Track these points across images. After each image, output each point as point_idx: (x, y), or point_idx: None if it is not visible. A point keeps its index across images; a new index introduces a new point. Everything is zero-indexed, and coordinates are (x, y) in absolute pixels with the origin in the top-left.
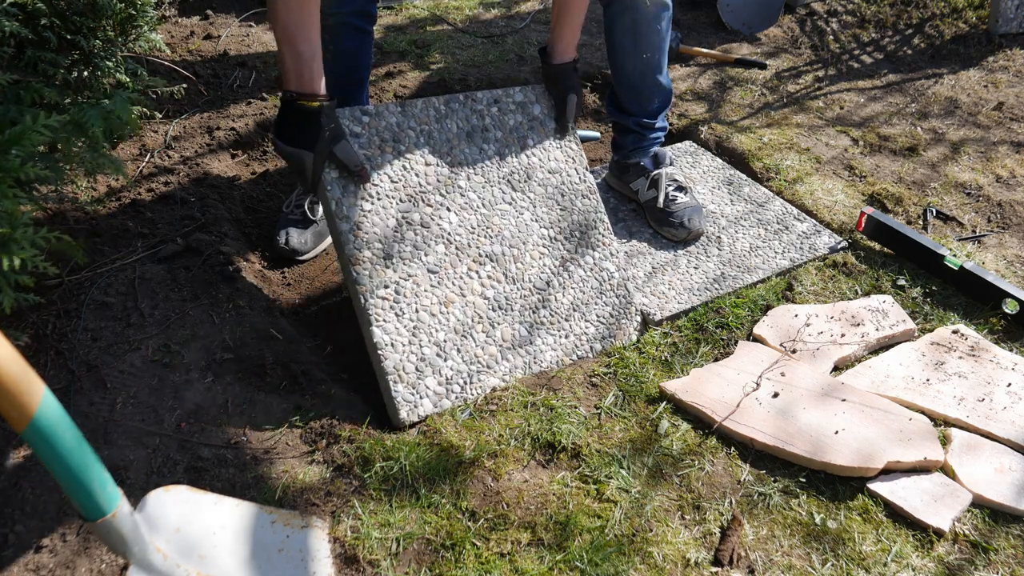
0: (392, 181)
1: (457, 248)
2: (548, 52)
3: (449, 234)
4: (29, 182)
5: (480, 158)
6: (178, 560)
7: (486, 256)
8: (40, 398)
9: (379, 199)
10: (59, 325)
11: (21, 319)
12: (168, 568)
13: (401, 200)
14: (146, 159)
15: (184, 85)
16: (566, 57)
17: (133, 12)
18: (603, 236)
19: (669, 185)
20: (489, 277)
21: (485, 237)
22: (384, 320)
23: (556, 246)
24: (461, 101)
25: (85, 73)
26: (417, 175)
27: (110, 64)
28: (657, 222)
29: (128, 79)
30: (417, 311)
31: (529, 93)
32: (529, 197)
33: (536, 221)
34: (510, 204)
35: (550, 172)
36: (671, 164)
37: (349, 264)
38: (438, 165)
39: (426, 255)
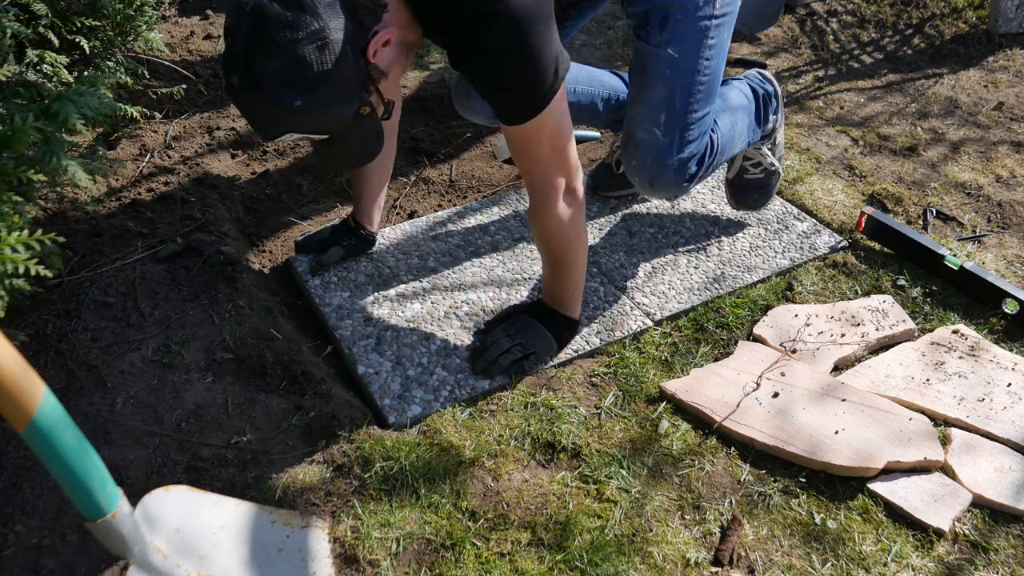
0: (366, 275)
1: (432, 303)
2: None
3: (423, 293)
4: (22, 184)
5: (446, 247)
6: (178, 560)
7: (463, 301)
8: (40, 398)
9: (357, 288)
10: (59, 325)
11: (21, 319)
12: (168, 568)
13: (376, 285)
14: (146, 159)
15: (184, 85)
16: (572, 312)
17: (132, 12)
18: None
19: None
20: (467, 314)
21: (459, 291)
22: (367, 358)
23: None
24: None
25: (86, 73)
26: (388, 267)
27: (110, 64)
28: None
29: (128, 79)
30: (398, 348)
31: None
32: (498, 258)
33: (509, 272)
34: (479, 267)
35: (514, 240)
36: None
37: (332, 330)
38: (407, 259)
39: (403, 312)
